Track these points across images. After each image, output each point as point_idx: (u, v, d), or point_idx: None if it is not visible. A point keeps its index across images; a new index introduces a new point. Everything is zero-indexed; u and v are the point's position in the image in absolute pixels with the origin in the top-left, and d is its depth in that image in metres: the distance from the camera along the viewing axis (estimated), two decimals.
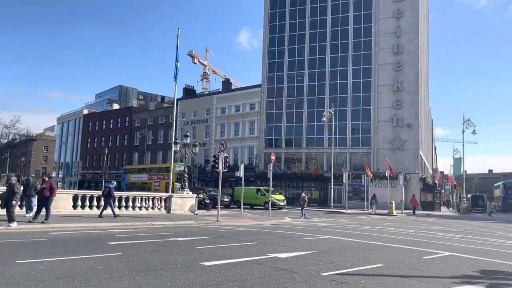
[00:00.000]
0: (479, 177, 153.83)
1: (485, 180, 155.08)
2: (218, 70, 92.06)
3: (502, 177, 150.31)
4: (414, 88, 47.98)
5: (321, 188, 50.62)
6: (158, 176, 43.40)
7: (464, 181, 53.53)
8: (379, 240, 13.60)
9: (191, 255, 8.99)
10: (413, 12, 49.09)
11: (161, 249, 9.79)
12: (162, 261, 8.13)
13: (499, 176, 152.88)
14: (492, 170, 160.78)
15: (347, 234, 15.83)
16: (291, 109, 53.69)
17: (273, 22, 56.07)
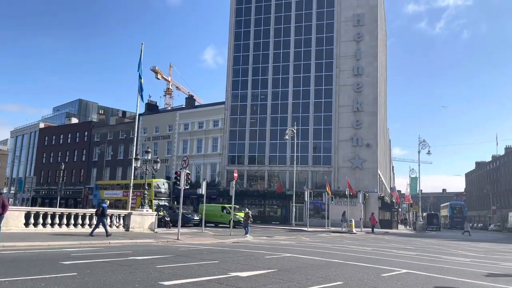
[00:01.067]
0: (434, 196, 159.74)
1: (440, 199, 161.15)
2: (181, 86, 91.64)
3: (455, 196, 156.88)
4: (373, 109, 49.62)
5: (283, 206, 50.87)
6: (134, 192, 41.90)
7: (420, 200, 55.49)
8: (340, 258, 13.79)
9: (150, 275, 8.76)
10: (372, 36, 51.14)
11: (119, 269, 9.48)
12: (119, 281, 7.87)
13: (452, 195, 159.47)
14: (445, 189, 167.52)
15: (308, 252, 15.94)
16: (255, 126, 54.07)
17: (237, 41, 56.72)
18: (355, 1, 52.03)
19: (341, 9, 52.34)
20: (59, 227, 20.70)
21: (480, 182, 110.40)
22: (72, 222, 21.25)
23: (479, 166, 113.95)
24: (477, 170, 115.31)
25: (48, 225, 20.19)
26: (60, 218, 21.03)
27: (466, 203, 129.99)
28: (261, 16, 55.92)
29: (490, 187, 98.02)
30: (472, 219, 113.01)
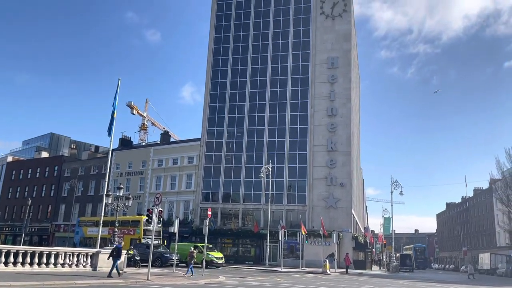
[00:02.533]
0: (407, 236, 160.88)
1: (412, 239, 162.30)
2: (157, 122, 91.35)
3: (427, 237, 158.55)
4: (347, 149, 50.49)
5: (257, 246, 50.05)
6: (122, 230, 40.25)
7: (393, 240, 55.74)
8: None
9: None
10: (345, 79, 52.83)
11: None
12: None
13: (425, 236, 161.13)
14: (418, 230, 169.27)
15: None
16: (230, 164, 53.94)
17: (215, 79, 57.51)
18: (330, 45, 54.01)
19: (316, 52, 54.15)
20: (22, 266, 19.62)
21: (451, 223, 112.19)
22: (36, 261, 20.21)
23: (449, 207, 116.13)
24: (448, 211, 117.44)
25: (10, 264, 19.13)
26: (23, 256, 19.97)
27: (438, 244, 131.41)
28: (239, 56, 57.16)
29: (460, 228, 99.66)
30: (444, 260, 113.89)
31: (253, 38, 57.16)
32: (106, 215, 34.99)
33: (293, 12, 56.38)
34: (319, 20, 55.10)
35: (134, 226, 40.85)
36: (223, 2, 59.53)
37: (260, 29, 57.19)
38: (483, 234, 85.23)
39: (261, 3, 57.94)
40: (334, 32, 54.27)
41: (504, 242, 72.80)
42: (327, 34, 54.35)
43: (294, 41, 55.52)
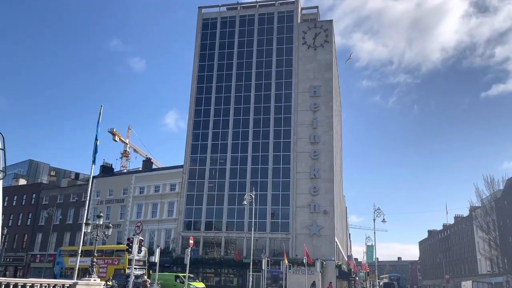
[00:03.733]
0: (390, 264, 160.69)
1: (395, 267, 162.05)
2: (139, 149, 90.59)
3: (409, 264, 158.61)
4: (329, 176, 50.74)
5: (240, 275, 49.13)
6: (105, 260, 38.79)
7: (377, 268, 55.46)
8: None
9: None
10: (327, 107, 53.67)
11: None
12: None
13: (407, 263, 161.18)
14: (401, 257, 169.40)
15: None
16: (213, 191, 53.46)
17: (198, 106, 57.70)
18: (312, 74, 55.07)
19: (299, 81, 55.09)
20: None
21: (433, 251, 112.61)
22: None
23: (431, 234, 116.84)
24: (430, 239, 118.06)
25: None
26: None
27: (421, 272, 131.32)
28: (222, 84, 57.68)
29: (442, 255, 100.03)
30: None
31: (237, 67, 57.93)
32: (85, 244, 34.01)
33: (276, 41, 57.58)
34: (302, 50, 56.35)
35: (119, 255, 39.65)
36: (207, 32, 60.48)
37: (243, 57, 58.08)
38: (465, 262, 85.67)
39: (244, 32, 59.08)
40: (316, 62, 55.47)
41: (486, 269, 73.23)
42: (309, 64, 55.51)
43: (277, 70, 56.46)
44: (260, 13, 59.39)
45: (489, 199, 64.07)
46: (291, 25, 57.75)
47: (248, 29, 59.02)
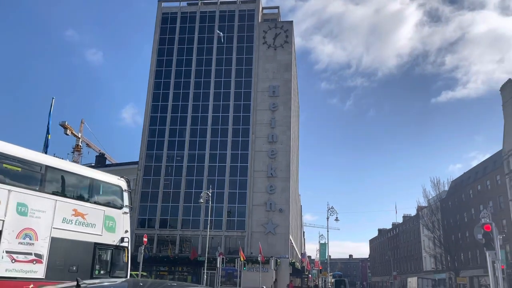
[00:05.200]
0: (342, 261, 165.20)
1: (347, 264, 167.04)
2: (92, 144, 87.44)
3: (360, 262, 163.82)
4: (286, 175, 51.43)
5: (194, 273, 48.79)
6: None
7: (329, 266, 56.88)
8: None
9: None
10: (286, 107, 54.34)
11: None
12: None
13: (358, 261, 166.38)
14: (352, 255, 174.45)
15: None
16: (169, 188, 52.68)
17: (156, 101, 56.59)
18: (271, 74, 55.53)
19: (258, 80, 55.38)
20: None
21: (382, 248, 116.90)
22: None
23: (381, 233, 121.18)
24: (380, 237, 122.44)
25: None
26: None
27: (371, 269, 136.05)
28: (181, 80, 56.92)
29: (391, 253, 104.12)
30: (376, 285, 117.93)
31: (196, 63, 57.34)
32: None
33: (236, 40, 57.51)
34: (262, 49, 56.67)
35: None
36: (166, 26, 59.40)
37: (203, 54, 57.56)
38: (411, 259, 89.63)
39: (205, 29, 58.56)
40: (276, 62, 55.99)
41: (430, 266, 77.01)
42: (269, 63, 55.93)
43: (237, 68, 56.44)
44: (221, 10, 59.10)
45: (435, 200, 67.36)
46: (252, 23, 57.91)
47: (209, 26, 58.55)
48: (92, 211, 12.26)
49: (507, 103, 53.75)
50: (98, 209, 12.54)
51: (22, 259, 10.35)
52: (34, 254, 10.60)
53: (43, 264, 10.76)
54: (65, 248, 11.41)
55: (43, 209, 10.96)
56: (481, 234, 12.08)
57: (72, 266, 11.54)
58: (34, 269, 10.56)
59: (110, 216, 12.83)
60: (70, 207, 11.68)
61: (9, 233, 10.25)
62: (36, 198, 10.93)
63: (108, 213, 12.80)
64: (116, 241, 12.92)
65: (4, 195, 10.30)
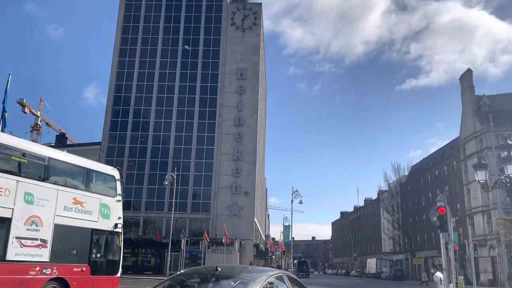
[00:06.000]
0: (305, 243, 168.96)
1: (310, 246, 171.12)
2: (52, 123, 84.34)
3: (322, 244, 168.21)
4: (252, 159, 51.65)
5: (158, 255, 48.62)
6: None
7: (292, 247, 58.06)
8: None
9: None
10: (253, 90, 54.21)
11: None
12: None
13: (321, 243, 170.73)
14: (315, 237, 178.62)
15: None
16: (132, 170, 51.77)
17: (120, 81, 55.03)
18: (239, 56, 55.06)
19: (226, 62, 54.81)
20: None
21: (344, 231, 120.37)
22: None
23: (343, 215, 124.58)
24: (342, 220, 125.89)
25: None
26: None
27: (332, 251, 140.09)
28: (146, 59, 55.50)
29: (352, 235, 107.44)
30: (337, 266, 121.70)
31: (162, 42, 56.00)
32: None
33: (204, 20, 56.48)
34: (230, 30, 55.96)
35: None
36: (132, 3, 57.46)
37: (170, 33, 56.24)
38: (371, 241, 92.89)
39: (172, 7, 57.08)
40: (244, 44, 55.50)
41: (389, 248, 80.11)
42: (237, 45, 55.38)
43: (204, 49, 55.58)
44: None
45: (395, 184, 69.76)
46: (220, 4, 56.93)
47: (176, 4, 57.09)
48: (89, 199, 13.28)
49: (465, 92, 55.83)
50: (95, 197, 13.60)
51: (29, 244, 11.19)
52: (39, 240, 11.46)
53: (48, 248, 11.63)
54: (66, 234, 12.33)
55: (47, 198, 11.85)
56: (436, 217, 12.61)
57: (72, 250, 12.53)
58: (39, 253, 11.41)
59: (105, 204, 13.95)
60: (70, 196, 12.66)
61: (17, 221, 11.10)
62: (41, 187, 11.80)
63: (104, 201, 13.89)
64: (110, 227, 14.09)
65: (13, 185, 11.12)
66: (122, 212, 15.47)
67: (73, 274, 12.31)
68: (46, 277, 11.36)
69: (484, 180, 14.29)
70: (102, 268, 13.58)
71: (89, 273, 12.86)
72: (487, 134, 45.47)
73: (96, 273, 13.14)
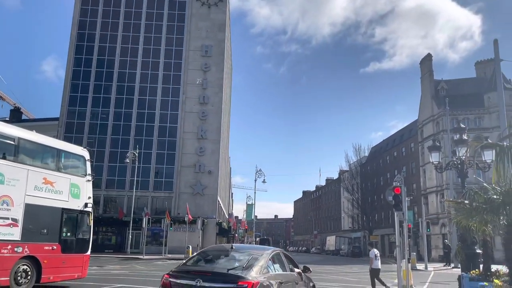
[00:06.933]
0: (268, 221, 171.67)
1: (272, 224, 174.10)
2: (7, 96, 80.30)
3: (284, 222, 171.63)
4: (216, 137, 51.44)
5: (119, 233, 48.05)
6: None
7: (255, 226, 58.90)
8: None
9: None
10: (218, 68, 53.54)
11: None
12: None
13: (283, 221, 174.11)
14: (277, 215, 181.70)
15: (142, 281, 15.28)
16: (93, 147, 50.22)
17: (79, 54, 52.82)
18: (204, 33, 54.02)
19: (191, 38, 53.67)
20: None
21: (305, 209, 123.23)
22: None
23: (305, 194, 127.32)
24: (304, 198, 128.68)
25: None
26: None
27: (294, 229, 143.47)
28: (107, 33, 53.42)
29: (313, 213, 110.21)
30: (298, 243, 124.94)
31: (125, 16, 54.00)
32: None
33: None
34: (195, 6, 54.65)
35: None
36: None
37: (132, 6, 54.26)
38: (332, 219, 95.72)
39: None
40: (210, 21, 54.46)
41: (348, 226, 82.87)
42: (203, 22, 54.27)
43: (168, 24, 54.13)
44: None
45: (356, 164, 71.75)
46: None
47: None
48: (59, 179, 13.39)
49: (425, 76, 57.63)
50: (65, 177, 13.74)
51: (1, 223, 11.28)
52: (11, 219, 11.57)
53: (19, 227, 11.77)
54: (37, 213, 12.44)
55: (17, 178, 11.92)
56: (391, 197, 13.08)
57: (43, 229, 12.63)
58: (11, 232, 11.56)
59: (75, 184, 14.17)
60: (40, 176, 12.72)
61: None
62: (11, 168, 11.84)
63: (74, 181, 14.10)
64: (80, 207, 14.34)
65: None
66: None
67: (44, 252, 12.45)
68: (17, 255, 11.62)
69: (437, 161, 14.95)
70: (72, 246, 13.76)
71: (59, 251, 13.03)
72: (443, 117, 47.37)
73: (66, 251, 13.33)
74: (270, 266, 7.19)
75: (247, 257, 7.02)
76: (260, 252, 7.46)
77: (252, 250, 7.62)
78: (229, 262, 7.08)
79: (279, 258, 7.90)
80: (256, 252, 7.39)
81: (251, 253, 7.32)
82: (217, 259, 7.38)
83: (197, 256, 7.71)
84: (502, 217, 7.25)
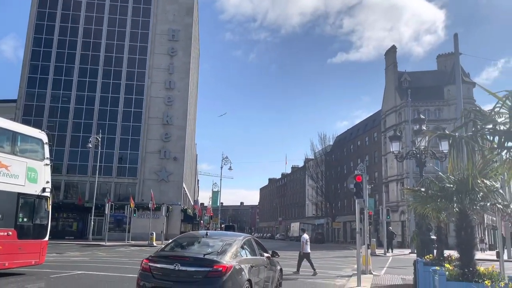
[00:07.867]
0: (233, 208, 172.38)
1: (238, 211, 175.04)
2: None
3: (250, 209, 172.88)
4: (182, 124, 50.82)
5: (80, 219, 46.93)
6: None
7: (220, 212, 58.99)
8: (135, 273, 13.40)
9: None
10: (185, 53, 52.65)
11: None
12: None
13: (248, 208, 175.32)
14: (243, 202, 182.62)
15: (102, 268, 15.03)
16: (53, 131, 48.44)
17: (39, 34, 50.53)
18: (171, 16, 52.87)
19: (157, 22, 52.42)
20: None
21: (271, 196, 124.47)
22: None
23: (271, 182, 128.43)
24: (269, 186, 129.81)
25: None
26: None
27: (260, 215, 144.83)
28: (69, 12, 51.33)
29: (278, 200, 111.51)
30: (263, 229, 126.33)
31: None
32: None
33: None
34: None
35: None
36: None
37: None
38: (296, 206, 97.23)
39: None
40: (177, 4, 53.32)
41: (311, 213, 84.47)
42: (170, 5, 53.07)
43: (134, 6, 52.61)
44: None
45: (321, 153, 72.93)
46: None
47: None
48: (15, 163, 12.85)
49: (389, 68, 58.96)
50: (21, 161, 13.20)
51: None
52: None
53: None
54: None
55: None
56: (353, 184, 13.39)
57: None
58: None
59: (32, 168, 13.64)
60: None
61: None
62: None
63: (31, 165, 13.56)
64: (38, 191, 13.86)
65: None
66: None
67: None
68: None
69: (398, 151, 15.41)
70: (29, 232, 13.38)
71: (15, 237, 12.61)
72: (405, 108, 48.72)
73: (23, 237, 12.96)
74: (242, 251, 7.81)
75: (221, 243, 7.60)
76: (233, 238, 8.08)
77: (225, 237, 8.22)
78: (205, 248, 7.62)
79: (250, 244, 8.53)
80: (229, 239, 7.97)
81: (225, 239, 7.91)
82: (193, 245, 7.95)
83: (173, 242, 8.17)
84: (455, 205, 7.57)
